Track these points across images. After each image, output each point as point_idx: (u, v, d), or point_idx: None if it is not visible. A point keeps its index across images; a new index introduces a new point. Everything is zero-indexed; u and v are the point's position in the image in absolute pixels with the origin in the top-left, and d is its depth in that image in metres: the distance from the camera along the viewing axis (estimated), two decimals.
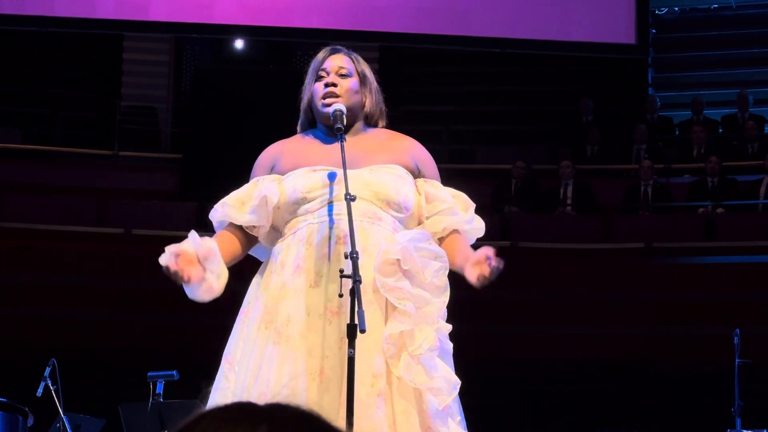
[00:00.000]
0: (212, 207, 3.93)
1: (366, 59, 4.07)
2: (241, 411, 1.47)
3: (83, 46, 14.94)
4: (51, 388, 7.50)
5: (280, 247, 3.81)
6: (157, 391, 7.16)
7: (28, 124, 14.56)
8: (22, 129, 14.41)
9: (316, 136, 3.95)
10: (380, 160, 3.85)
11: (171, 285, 3.64)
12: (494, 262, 3.60)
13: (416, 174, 3.91)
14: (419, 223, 3.89)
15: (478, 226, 3.95)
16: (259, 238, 3.89)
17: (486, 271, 3.60)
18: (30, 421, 6.45)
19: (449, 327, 3.78)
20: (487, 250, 3.64)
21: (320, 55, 3.98)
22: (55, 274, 11.54)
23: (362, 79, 3.95)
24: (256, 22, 13.88)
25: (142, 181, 13.60)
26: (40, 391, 7.51)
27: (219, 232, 3.87)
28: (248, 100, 13.82)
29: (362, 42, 13.43)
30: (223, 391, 3.76)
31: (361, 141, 3.90)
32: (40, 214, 12.26)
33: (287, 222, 3.82)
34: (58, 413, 7.57)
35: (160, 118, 15.10)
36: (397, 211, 3.81)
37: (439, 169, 4.01)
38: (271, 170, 3.90)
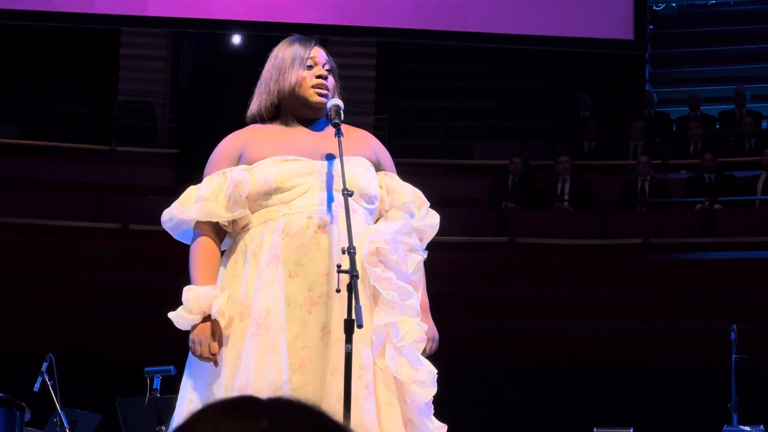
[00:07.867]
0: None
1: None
2: (243, 405, 1.46)
3: (80, 41, 14.90)
4: (48, 383, 7.51)
5: (248, 236, 3.75)
6: (154, 387, 7.16)
7: (25, 119, 14.53)
8: (18, 124, 14.38)
9: (283, 125, 3.93)
10: (348, 152, 3.81)
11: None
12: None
13: (377, 167, 3.93)
14: (380, 217, 3.90)
15: (432, 223, 3.95)
16: (232, 231, 3.83)
17: None
18: (27, 417, 6.44)
19: (425, 326, 3.77)
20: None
21: (302, 43, 3.95)
22: (52, 270, 11.52)
23: (335, 77, 3.96)
24: (253, 17, 13.87)
25: (139, 176, 13.58)
26: (37, 387, 7.51)
27: (205, 252, 3.77)
28: (245, 96, 13.76)
29: (360, 37, 13.43)
30: (202, 388, 3.71)
31: (329, 134, 3.85)
32: (36, 209, 12.23)
33: (255, 212, 3.76)
34: (55, 408, 7.57)
35: (158, 114, 15.08)
36: (369, 203, 3.83)
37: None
38: (239, 160, 3.84)
